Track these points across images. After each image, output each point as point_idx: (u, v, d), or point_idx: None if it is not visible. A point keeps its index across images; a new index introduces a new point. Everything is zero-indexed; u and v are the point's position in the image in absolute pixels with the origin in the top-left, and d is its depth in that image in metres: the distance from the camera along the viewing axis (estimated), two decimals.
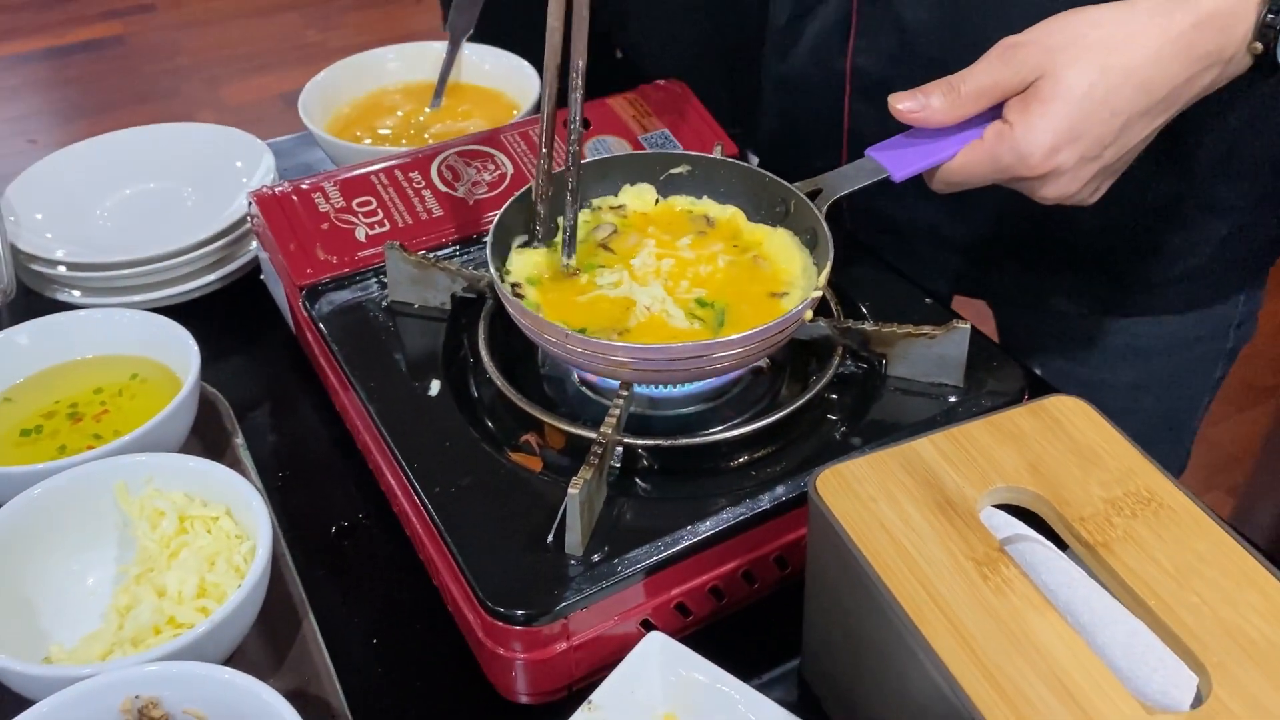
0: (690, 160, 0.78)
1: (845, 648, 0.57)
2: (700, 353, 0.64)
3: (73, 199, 0.99)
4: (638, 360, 0.64)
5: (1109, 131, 0.64)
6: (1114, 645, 0.49)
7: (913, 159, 0.70)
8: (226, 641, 0.60)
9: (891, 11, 0.83)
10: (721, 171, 0.78)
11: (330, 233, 0.82)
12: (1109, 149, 0.65)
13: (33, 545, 0.65)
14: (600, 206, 0.78)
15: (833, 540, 0.54)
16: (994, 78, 0.66)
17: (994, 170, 0.67)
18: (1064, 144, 0.64)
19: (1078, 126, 0.64)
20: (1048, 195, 0.67)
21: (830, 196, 0.72)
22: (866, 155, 0.71)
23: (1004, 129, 0.66)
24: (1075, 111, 0.63)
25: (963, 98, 0.67)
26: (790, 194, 0.74)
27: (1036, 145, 0.64)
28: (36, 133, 3.20)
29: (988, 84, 0.66)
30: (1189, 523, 0.53)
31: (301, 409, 0.84)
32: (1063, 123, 0.64)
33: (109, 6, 3.90)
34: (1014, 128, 0.65)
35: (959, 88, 0.67)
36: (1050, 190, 0.67)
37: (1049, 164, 0.65)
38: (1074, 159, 0.65)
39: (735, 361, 0.66)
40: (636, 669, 0.57)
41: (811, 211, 0.72)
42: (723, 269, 0.73)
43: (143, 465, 0.67)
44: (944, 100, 0.67)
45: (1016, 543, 0.54)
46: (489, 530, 0.61)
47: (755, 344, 0.65)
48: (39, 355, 0.78)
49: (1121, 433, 0.58)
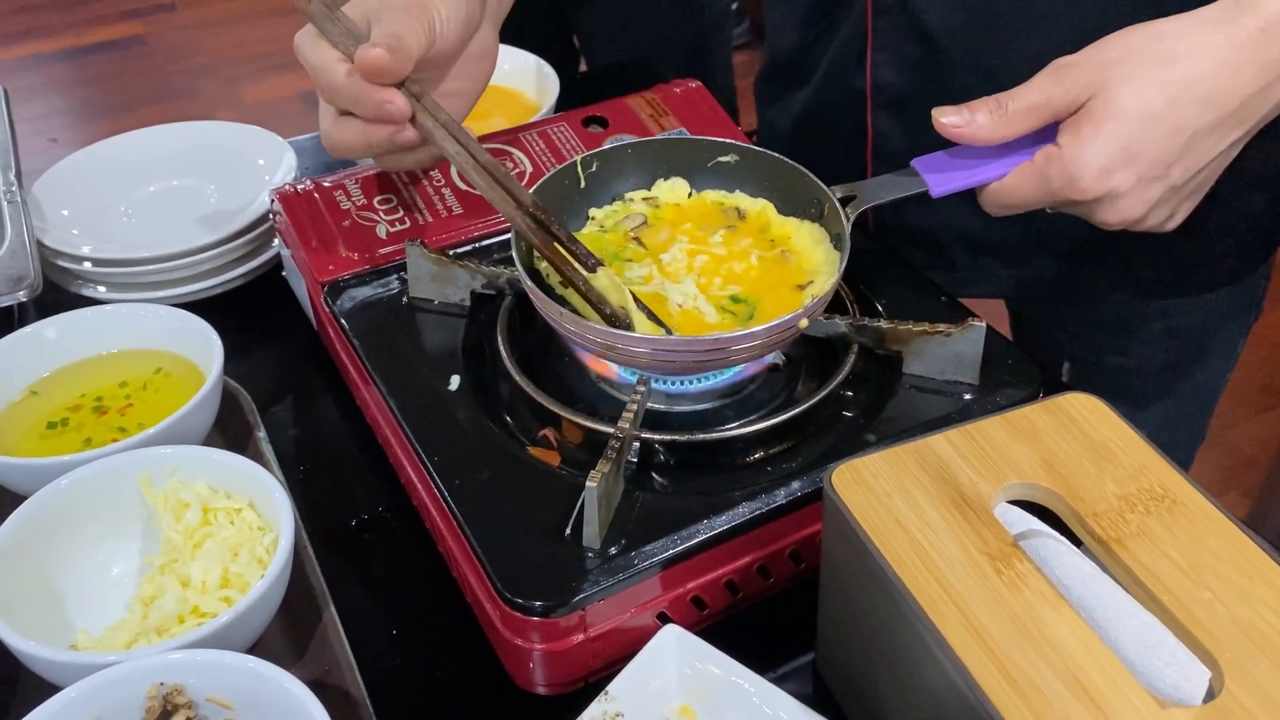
0: (738, 150, 0.79)
1: (860, 642, 0.58)
2: (717, 346, 0.65)
3: (98, 196, 1.00)
4: (656, 352, 0.65)
5: (1171, 149, 0.61)
6: (1127, 640, 0.49)
7: (956, 176, 0.68)
8: (249, 631, 0.61)
9: (912, 20, 0.82)
10: (763, 165, 0.78)
11: (352, 230, 0.83)
12: (1174, 168, 0.62)
13: (59, 536, 0.66)
14: (632, 198, 0.79)
15: (848, 535, 0.54)
16: (1044, 95, 0.63)
17: (1044, 193, 0.64)
18: (1118, 165, 0.61)
19: (1133, 146, 0.61)
20: (1109, 220, 0.64)
21: (863, 204, 0.72)
22: (910, 165, 0.70)
23: (1053, 151, 0.63)
24: (1129, 130, 0.60)
25: (1010, 115, 0.64)
26: (826, 196, 0.73)
27: (1087, 167, 0.61)
28: (58, 131, 3.23)
29: (1037, 102, 0.63)
30: (1202, 519, 0.53)
31: (322, 403, 0.85)
32: (1115, 142, 0.61)
33: (129, 6, 3.93)
34: (1064, 150, 0.62)
35: (1006, 105, 0.64)
36: (1111, 215, 0.64)
37: (1103, 186, 0.62)
38: (1132, 180, 0.62)
39: (750, 354, 0.67)
40: (652, 661, 0.58)
41: (839, 217, 0.71)
42: (755, 265, 0.74)
43: (167, 458, 0.68)
44: (990, 117, 0.64)
45: (1030, 538, 0.54)
46: (507, 523, 0.62)
47: (768, 338, 0.65)
48: (65, 349, 0.79)
49: (1135, 429, 0.58)
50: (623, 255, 0.74)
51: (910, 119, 0.88)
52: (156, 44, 3.74)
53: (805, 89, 0.95)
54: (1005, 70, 0.75)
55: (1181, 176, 0.63)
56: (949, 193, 0.69)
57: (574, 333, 0.67)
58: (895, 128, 0.89)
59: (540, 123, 0.94)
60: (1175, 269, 0.88)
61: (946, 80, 0.82)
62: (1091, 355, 0.97)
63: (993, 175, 0.67)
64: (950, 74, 0.82)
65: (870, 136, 0.90)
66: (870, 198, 0.72)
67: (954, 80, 0.77)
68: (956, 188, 0.68)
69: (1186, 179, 0.63)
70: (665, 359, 0.66)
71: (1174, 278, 0.89)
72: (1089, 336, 0.97)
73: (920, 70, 0.84)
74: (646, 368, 0.68)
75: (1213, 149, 0.62)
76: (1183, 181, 0.63)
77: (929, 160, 0.70)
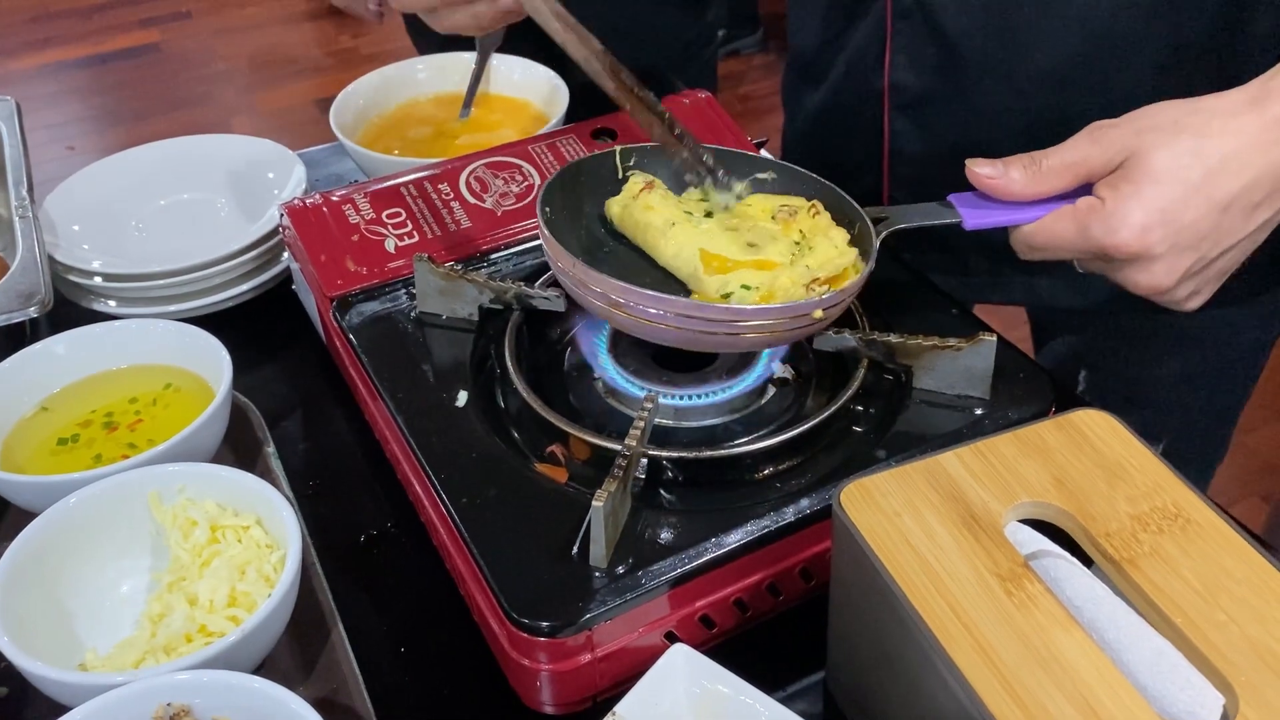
0: (775, 168, 0.78)
1: (870, 661, 0.57)
2: (730, 317, 0.65)
3: (109, 210, 1.00)
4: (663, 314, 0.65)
5: (1206, 220, 0.61)
6: (1140, 663, 0.49)
7: (992, 214, 0.68)
8: (257, 650, 0.61)
9: (930, 22, 0.82)
10: (799, 182, 0.77)
11: (360, 244, 0.83)
12: (1206, 240, 0.62)
13: (68, 553, 0.66)
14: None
15: (857, 554, 0.54)
16: (1080, 155, 0.64)
17: (1081, 240, 0.64)
18: (1156, 224, 0.61)
19: (1171, 210, 0.61)
20: (1140, 283, 0.64)
21: (892, 226, 0.72)
22: (948, 199, 0.71)
23: (1095, 202, 0.63)
24: (1169, 195, 0.61)
25: (1044, 172, 0.64)
26: (858, 215, 0.73)
27: (1126, 222, 0.61)
28: (75, 139, 3.26)
29: (1073, 160, 0.64)
30: (1216, 539, 0.52)
31: (331, 418, 0.85)
32: (1155, 204, 0.61)
33: (146, 15, 3.96)
34: (1105, 203, 0.62)
35: (1041, 162, 0.64)
36: (1142, 277, 0.64)
37: (1140, 243, 0.61)
38: (1167, 245, 0.62)
39: (760, 337, 0.67)
40: (661, 681, 0.58)
41: (869, 237, 0.71)
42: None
43: (176, 475, 0.68)
44: (1024, 174, 0.65)
45: (1041, 558, 0.54)
46: (515, 541, 0.62)
47: (780, 318, 0.65)
48: (75, 365, 0.79)
49: (1149, 447, 0.57)
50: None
51: (927, 120, 0.87)
52: (172, 52, 3.76)
53: (824, 87, 0.95)
54: (1022, 73, 0.75)
55: (1212, 250, 0.63)
56: (982, 228, 0.69)
57: (592, 290, 0.67)
58: (912, 129, 0.89)
59: (549, 135, 0.94)
60: None
61: (964, 82, 0.82)
62: (1109, 365, 0.96)
63: (1028, 217, 0.67)
64: (967, 76, 0.81)
65: (887, 137, 0.90)
66: (901, 221, 0.72)
67: (971, 83, 0.77)
68: (989, 224, 0.69)
69: (1217, 254, 0.64)
70: (672, 323, 0.65)
71: None
72: (1107, 346, 0.96)
73: (938, 72, 0.84)
74: (652, 334, 0.67)
75: (1244, 226, 0.63)
76: (1214, 256, 0.64)
77: (965, 196, 0.71)
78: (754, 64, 3.32)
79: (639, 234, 0.75)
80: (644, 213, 0.74)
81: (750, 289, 0.68)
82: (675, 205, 0.75)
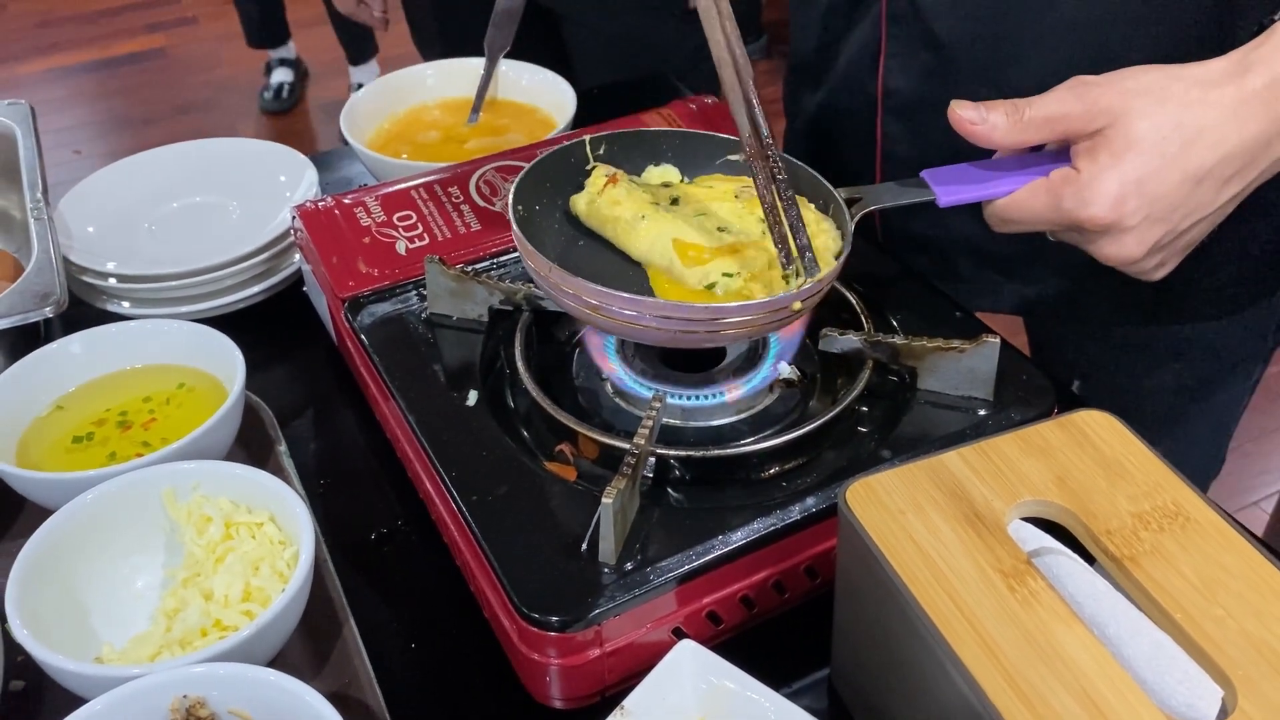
0: None
1: (874, 658, 0.58)
2: (711, 315, 0.65)
3: (122, 212, 1.01)
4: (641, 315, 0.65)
5: (1180, 192, 0.62)
6: (1140, 658, 0.49)
7: (964, 188, 0.69)
8: (271, 644, 0.62)
9: (923, 27, 0.83)
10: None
11: (371, 246, 0.84)
12: (1178, 212, 0.62)
13: (85, 549, 0.67)
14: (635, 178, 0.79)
15: (862, 552, 0.55)
16: (1063, 109, 0.63)
17: (1053, 213, 0.64)
18: (1130, 195, 0.62)
19: (1148, 182, 0.61)
20: (1109, 254, 0.65)
21: (867, 207, 0.72)
22: (919, 175, 0.71)
23: (1070, 173, 0.63)
24: (1147, 166, 0.61)
25: (1025, 122, 0.64)
26: (831, 196, 0.73)
27: (1102, 193, 0.62)
28: (81, 143, 3.27)
29: (1055, 114, 0.64)
30: (1215, 537, 0.53)
31: (342, 418, 0.86)
32: (1132, 175, 0.61)
33: (151, 20, 3.98)
34: (1081, 174, 0.63)
35: (1024, 110, 0.64)
36: (1111, 248, 0.64)
37: (1113, 214, 0.62)
38: (1140, 216, 0.62)
39: (740, 331, 0.67)
40: (668, 676, 0.59)
41: (844, 217, 0.72)
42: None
43: (190, 472, 0.69)
44: (1006, 120, 0.64)
45: (1044, 555, 0.55)
46: (525, 538, 0.63)
47: (760, 314, 0.66)
48: (90, 364, 0.80)
49: (1149, 447, 0.58)
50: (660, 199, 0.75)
51: (919, 126, 0.88)
52: (178, 56, 3.78)
53: (823, 90, 0.96)
54: (1014, 82, 0.75)
55: (1183, 223, 0.64)
56: (956, 204, 0.69)
57: (567, 294, 0.67)
58: (904, 133, 0.89)
59: (556, 140, 0.95)
60: (1180, 294, 0.88)
61: (955, 89, 0.82)
62: (1103, 375, 0.97)
63: (1001, 191, 0.67)
64: (959, 83, 0.82)
65: (879, 141, 0.91)
66: (874, 201, 0.73)
67: (963, 90, 0.77)
68: (963, 200, 0.69)
69: (1187, 226, 0.64)
70: (651, 325, 0.66)
71: (1180, 304, 0.89)
72: (1100, 356, 0.97)
73: (930, 78, 0.85)
74: (632, 335, 0.68)
75: (1215, 199, 0.63)
76: (1184, 228, 0.64)
77: (938, 173, 0.71)
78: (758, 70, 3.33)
79: (608, 229, 0.75)
80: (611, 207, 0.74)
81: (732, 275, 0.69)
82: (641, 196, 0.75)
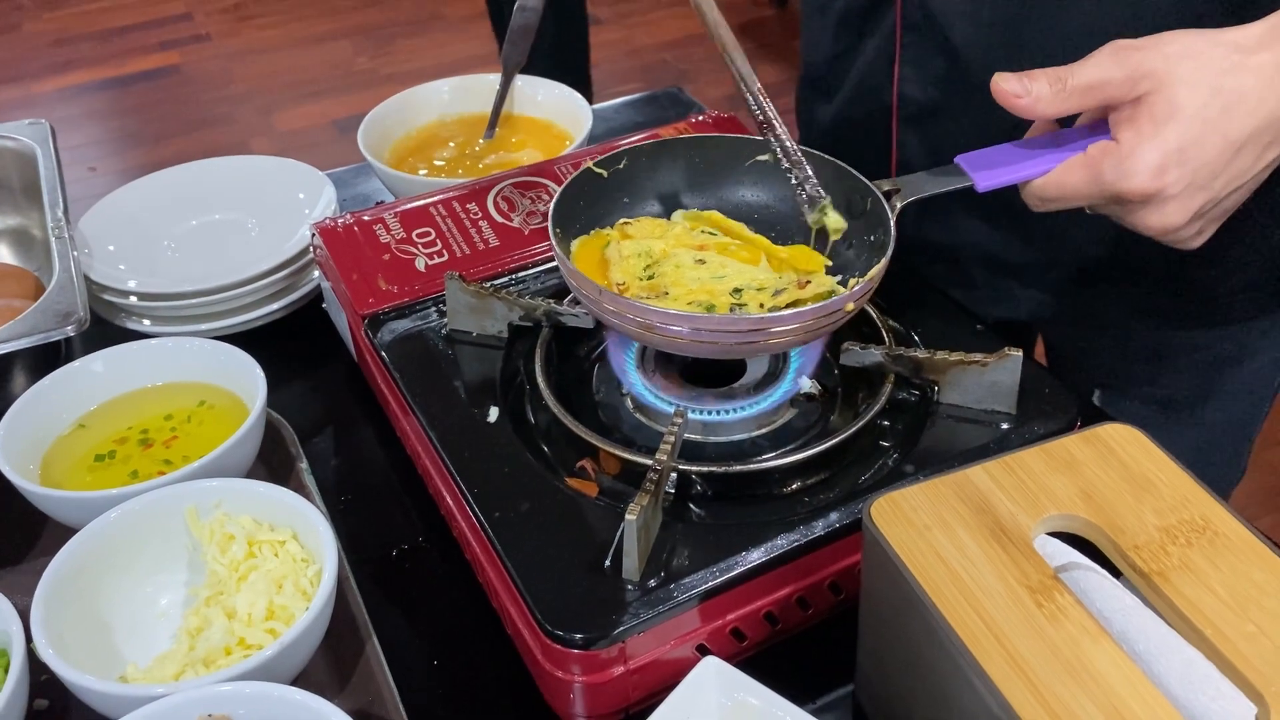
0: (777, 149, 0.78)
1: (900, 674, 0.58)
2: (757, 327, 0.66)
3: (142, 231, 1.02)
4: (695, 331, 0.66)
5: (1221, 159, 0.61)
6: (1170, 674, 0.49)
7: (1001, 171, 0.68)
8: (294, 662, 0.62)
9: (938, 35, 0.83)
10: (806, 165, 0.77)
11: (391, 263, 0.84)
12: (1219, 179, 0.62)
13: (108, 568, 0.67)
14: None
15: (887, 568, 0.54)
16: (1104, 75, 0.62)
17: (1095, 187, 0.63)
18: (1172, 164, 0.61)
19: (1189, 149, 0.61)
20: (1151, 224, 0.64)
21: (907, 198, 0.72)
22: (954, 162, 0.70)
23: (1110, 145, 0.63)
24: (1189, 133, 0.60)
25: (1069, 90, 0.63)
26: (868, 191, 0.73)
27: (1144, 163, 0.61)
28: (96, 160, 3.29)
29: (1096, 80, 0.63)
30: (1245, 551, 0.53)
31: (363, 434, 0.86)
32: (1174, 143, 0.60)
33: (165, 37, 4.00)
34: (1121, 144, 0.62)
35: (1066, 79, 0.63)
36: (1155, 219, 0.63)
37: (1155, 184, 0.61)
38: (1182, 184, 0.61)
39: (790, 339, 0.68)
40: (692, 693, 0.58)
41: (883, 212, 0.71)
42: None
43: (212, 490, 0.69)
44: (1050, 90, 0.63)
45: (1071, 570, 0.54)
46: (547, 555, 0.63)
47: (813, 320, 0.66)
48: (112, 383, 0.81)
49: (1175, 460, 0.58)
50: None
51: (933, 134, 0.88)
52: (192, 73, 3.80)
53: (836, 101, 0.96)
54: None
55: (1223, 189, 0.63)
56: (995, 187, 0.68)
57: (611, 312, 0.68)
58: (919, 142, 0.89)
59: (572, 155, 0.95)
60: (1197, 301, 0.88)
61: (970, 96, 0.82)
62: (1121, 384, 0.96)
63: (1037, 171, 0.66)
64: (974, 91, 0.82)
65: (895, 150, 0.91)
66: (914, 191, 0.72)
67: (978, 98, 0.77)
68: (1002, 183, 0.68)
69: (1226, 193, 0.63)
70: (703, 339, 0.66)
71: (1197, 310, 0.88)
72: (1118, 365, 0.96)
73: (945, 86, 0.85)
74: (683, 348, 0.69)
75: (1253, 166, 0.62)
76: (1222, 194, 0.63)
77: (972, 158, 0.70)
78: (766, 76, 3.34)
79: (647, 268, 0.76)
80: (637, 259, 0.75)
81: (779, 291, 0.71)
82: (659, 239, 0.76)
